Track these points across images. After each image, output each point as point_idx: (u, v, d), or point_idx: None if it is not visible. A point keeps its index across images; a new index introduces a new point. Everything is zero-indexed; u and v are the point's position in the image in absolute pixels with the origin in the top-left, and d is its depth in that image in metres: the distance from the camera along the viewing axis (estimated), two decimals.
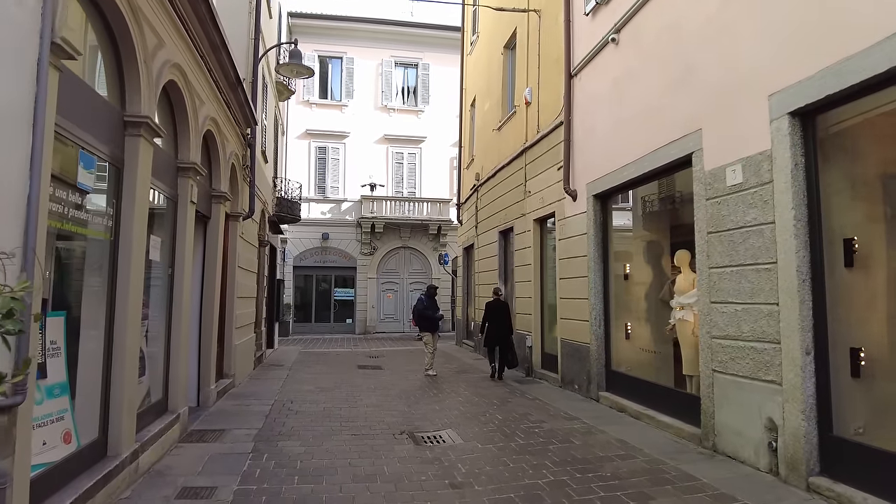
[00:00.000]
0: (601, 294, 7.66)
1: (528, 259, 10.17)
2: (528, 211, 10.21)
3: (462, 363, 12.06)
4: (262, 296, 12.27)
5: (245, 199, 9.29)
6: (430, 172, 23.19)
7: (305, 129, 22.27)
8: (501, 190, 11.80)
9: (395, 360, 13.05)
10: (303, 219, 21.72)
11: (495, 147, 12.45)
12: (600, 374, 7.57)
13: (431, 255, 22.97)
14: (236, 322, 8.88)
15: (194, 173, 5.82)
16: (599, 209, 7.77)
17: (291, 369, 11.18)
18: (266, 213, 12.50)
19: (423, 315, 10.70)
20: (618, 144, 7.15)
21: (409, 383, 9.53)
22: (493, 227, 12.43)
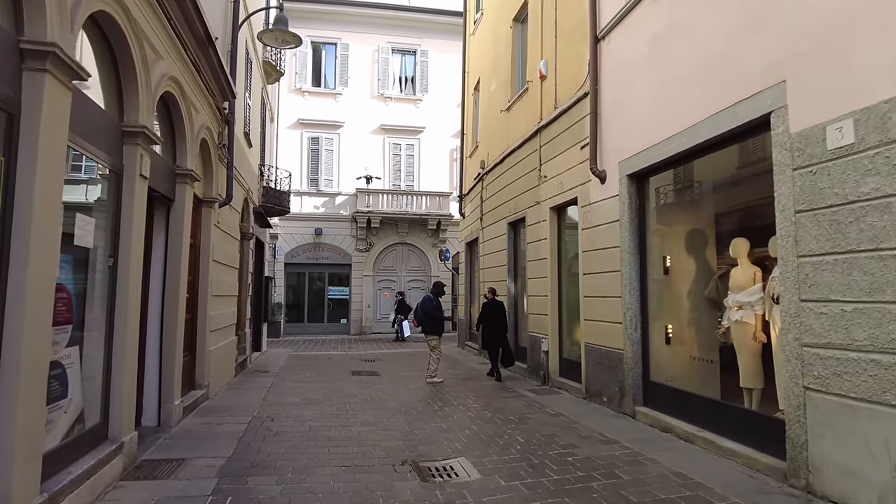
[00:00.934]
0: (638, 291, 6.52)
1: (543, 252, 9.03)
2: (543, 198, 9.07)
3: (467, 368, 10.92)
4: (246, 294, 11.10)
5: (221, 182, 8.11)
6: (428, 164, 22.03)
7: (297, 118, 21.07)
8: (511, 177, 10.65)
9: (392, 365, 11.89)
10: (295, 213, 20.58)
11: (503, 130, 11.30)
12: (636, 386, 6.43)
13: (430, 252, 21.81)
14: (211, 324, 7.71)
15: (145, 140, 4.64)
16: (635, 191, 6.63)
17: (278, 376, 10.00)
18: (250, 203, 11.32)
19: (432, 316, 9.57)
20: (660, 113, 6.01)
21: (409, 393, 8.37)
22: (500, 219, 11.29)
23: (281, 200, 13.18)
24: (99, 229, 4.25)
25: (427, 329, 9.58)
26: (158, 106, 5.70)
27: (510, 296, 10.73)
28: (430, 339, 9.60)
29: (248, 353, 11.27)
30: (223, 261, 8.45)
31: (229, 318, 9.10)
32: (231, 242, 9.22)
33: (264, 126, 13.99)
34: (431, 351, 9.54)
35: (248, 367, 10.98)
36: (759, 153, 4.97)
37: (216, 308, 7.99)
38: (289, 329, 20.50)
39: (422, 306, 9.55)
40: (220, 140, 7.94)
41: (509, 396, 8.02)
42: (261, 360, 12.63)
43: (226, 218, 8.63)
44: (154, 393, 5.82)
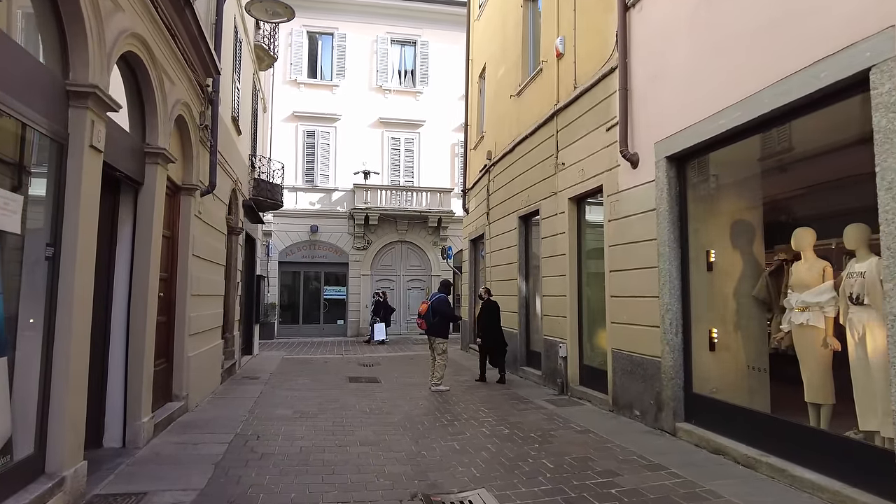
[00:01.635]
0: (679, 290, 5.68)
1: (560, 248, 8.19)
2: (560, 188, 8.23)
3: (474, 374, 10.07)
4: (234, 294, 10.23)
5: (204, 168, 7.25)
6: (429, 159, 21.17)
7: (292, 111, 20.20)
8: (522, 167, 9.81)
9: (392, 370, 11.03)
10: (290, 209, 19.72)
11: (513, 117, 10.46)
12: (676, 399, 5.59)
13: (431, 250, 20.96)
14: (192, 327, 6.85)
15: (98, 104, 3.79)
16: (674, 175, 5.79)
17: (268, 383, 9.13)
18: (239, 196, 10.46)
19: (447, 315, 8.80)
20: (706, 85, 5.18)
21: (413, 404, 7.52)
22: (510, 213, 10.44)
23: (273, 194, 12.32)
24: (34, 211, 3.39)
25: (436, 331, 8.74)
26: (124, 72, 4.85)
27: (521, 296, 9.89)
28: (439, 343, 8.76)
29: (236, 358, 10.40)
30: (206, 256, 7.59)
31: (214, 320, 8.24)
32: (216, 237, 8.35)
33: (256, 115, 13.13)
34: (438, 356, 8.70)
35: (236, 374, 10.11)
36: (843, 122, 4.15)
37: (198, 309, 7.13)
38: (283, 331, 19.63)
39: (435, 307, 8.70)
40: (203, 121, 7.08)
41: (526, 408, 7.17)
42: (251, 364, 11.76)
43: (210, 209, 7.77)
44: (118, 409, 4.96)
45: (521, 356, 9.80)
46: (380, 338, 17.10)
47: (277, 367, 11.46)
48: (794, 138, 4.91)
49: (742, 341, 5.73)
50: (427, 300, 8.84)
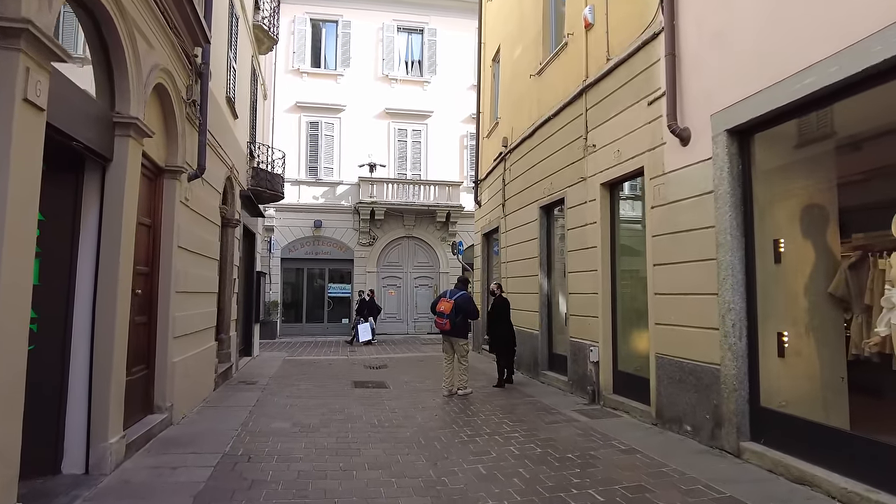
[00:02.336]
0: (743, 286, 4.82)
1: (591, 240, 7.34)
2: (591, 173, 7.38)
3: (490, 378, 9.23)
4: (230, 291, 9.43)
5: (191, 149, 6.43)
6: (437, 151, 20.33)
7: (295, 101, 19.40)
8: (544, 152, 8.96)
9: (401, 373, 10.21)
10: (292, 204, 18.94)
11: (532, 99, 9.61)
12: (741, 413, 4.74)
13: (439, 246, 20.12)
14: (177, 328, 6.04)
15: (33, 46, 2.96)
16: (737, 152, 4.93)
17: (266, 389, 8.32)
18: (236, 185, 9.64)
19: (471, 314, 8.10)
20: (787, 38, 4.31)
21: (427, 414, 6.70)
22: (529, 203, 9.59)
23: (273, 184, 11.51)
24: None
25: (458, 331, 7.95)
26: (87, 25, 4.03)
27: (542, 293, 9.04)
28: (462, 344, 8.00)
29: (233, 361, 9.60)
30: (195, 249, 6.78)
31: (205, 320, 7.43)
32: (208, 228, 7.54)
33: (255, 101, 12.32)
34: (461, 358, 7.92)
35: (232, 378, 9.31)
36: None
37: (185, 307, 6.32)
38: (285, 330, 18.87)
39: (460, 304, 7.87)
40: (190, 95, 6.26)
41: (555, 421, 6.33)
42: (250, 367, 10.96)
43: (200, 196, 6.95)
44: (81, 427, 4.15)
45: (542, 360, 8.95)
46: (365, 338, 16.10)
47: (278, 369, 10.65)
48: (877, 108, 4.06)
49: (816, 346, 4.88)
50: (447, 297, 8.01)
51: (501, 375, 8.70)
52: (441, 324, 7.90)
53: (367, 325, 16.33)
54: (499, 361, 8.89)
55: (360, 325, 16.33)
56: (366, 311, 16.68)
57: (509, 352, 8.77)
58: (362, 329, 16.24)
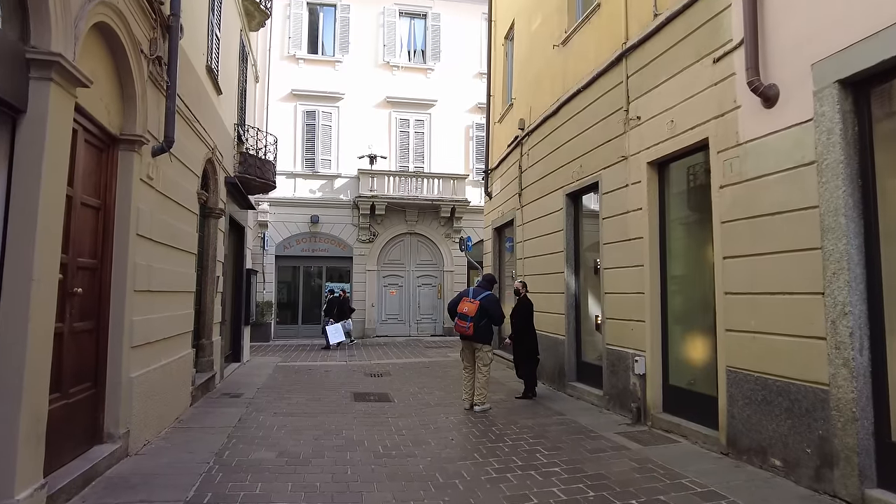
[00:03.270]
0: (863, 284, 3.70)
1: (634, 229, 6.22)
2: (634, 150, 6.25)
3: (510, 390, 8.12)
4: (213, 290, 8.29)
5: (157, 116, 5.30)
6: (441, 143, 19.19)
7: (291, 89, 18.26)
8: (571, 131, 7.84)
9: (406, 382, 9.09)
10: (288, 198, 17.82)
11: (556, 72, 8.48)
12: (864, 452, 3.60)
13: (443, 243, 18.98)
14: (138, 335, 4.91)
15: None
16: (852, 110, 3.80)
17: (252, 404, 7.19)
18: (219, 169, 8.50)
19: (497, 317, 7.03)
20: None
21: (442, 439, 5.57)
22: (553, 190, 8.46)
23: (264, 172, 10.36)
24: None
25: (481, 336, 6.85)
26: None
27: (569, 293, 7.91)
28: (485, 351, 6.90)
29: (216, 369, 8.47)
30: (164, 240, 5.64)
31: (178, 324, 6.29)
32: (182, 215, 6.40)
33: (244, 80, 11.18)
34: (483, 367, 6.83)
35: (214, 389, 8.17)
36: None
37: (148, 310, 5.19)
38: (280, 332, 17.73)
39: (486, 306, 6.79)
40: (154, 50, 5.12)
41: (600, 448, 5.19)
42: (238, 375, 9.83)
43: (170, 177, 5.81)
44: None
45: (570, 369, 7.82)
46: (335, 340, 14.79)
47: (268, 378, 9.52)
48: None
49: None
50: (471, 297, 6.90)
51: (529, 387, 7.58)
52: (462, 327, 6.78)
53: (337, 326, 15.01)
54: (519, 370, 7.78)
55: (329, 326, 15.04)
56: (336, 310, 15.41)
57: (533, 360, 7.65)
58: (332, 331, 14.88)
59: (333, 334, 14.87)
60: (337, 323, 15.12)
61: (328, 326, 15.05)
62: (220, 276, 8.94)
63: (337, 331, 14.97)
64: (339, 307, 15.55)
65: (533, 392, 7.59)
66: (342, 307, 15.70)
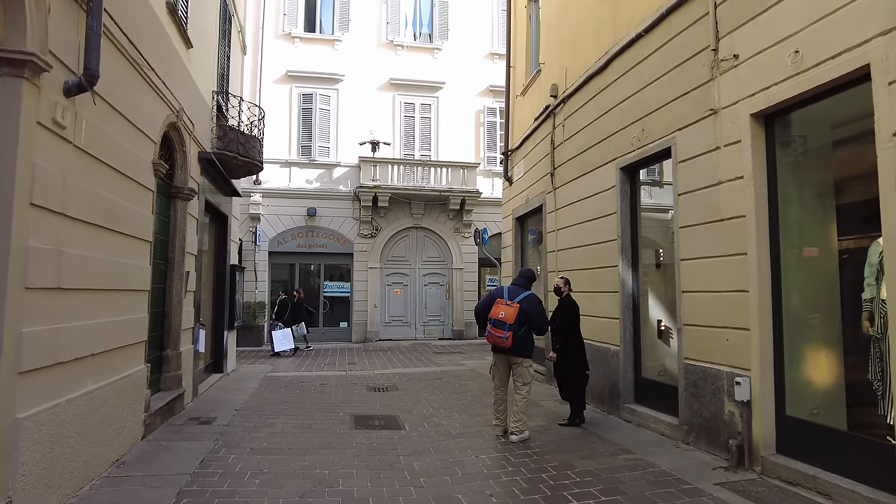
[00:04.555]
0: None
1: (731, 206, 4.63)
2: (728, 101, 4.67)
3: (548, 412, 6.55)
4: (180, 289, 6.71)
5: (67, 32, 3.71)
6: (450, 129, 17.61)
7: (286, 70, 16.68)
8: (625, 89, 6.26)
9: (417, 398, 7.53)
10: (282, 188, 16.26)
11: (603, 20, 6.90)
12: None
13: (452, 238, 17.40)
14: (34, 354, 3.34)
15: None
16: None
17: (224, 435, 5.60)
18: (190, 141, 6.93)
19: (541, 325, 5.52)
20: None
21: (475, 493, 4.00)
22: (600, 165, 6.87)
23: (248, 149, 8.75)
24: None
25: (521, 348, 5.30)
26: None
27: (625, 292, 6.31)
28: (526, 367, 5.36)
29: (187, 385, 6.90)
30: (91, 217, 4.06)
31: (120, 334, 4.72)
32: (124, 188, 4.82)
33: (227, 44, 9.58)
34: (521, 387, 5.31)
35: (182, 411, 6.61)
36: None
37: (57, 316, 3.61)
38: None
39: (527, 311, 5.26)
40: None
41: None
42: (217, 389, 8.26)
43: (100, 131, 4.23)
44: None
45: (626, 388, 6.23)
46: (282, 348, 12.85)
47: (252, 394, 7.95)
48: None
49: None
50: (507, 299, 5.34)
51: (577, 412, 6.00)
52: (497, 338, 5.22)
53: (286, 331, 13.13)
54: (563, 389, 6.21)
55: (277, 331, 13.04)
56: (288, 314, 13.66)
57: (581, 377, 6.06)
58: (279, 336, 12.90)
59: (280, 341, 12.90)
60: (287, 328, 13.25)
61: (274, 332, 13.03)
62: (193, 272, 7.37)
63: (285, 337, 13.04)
64: (292, 310, 13.86)
65: (581, 417, 6.01)
66: (297, 310, 13.98)
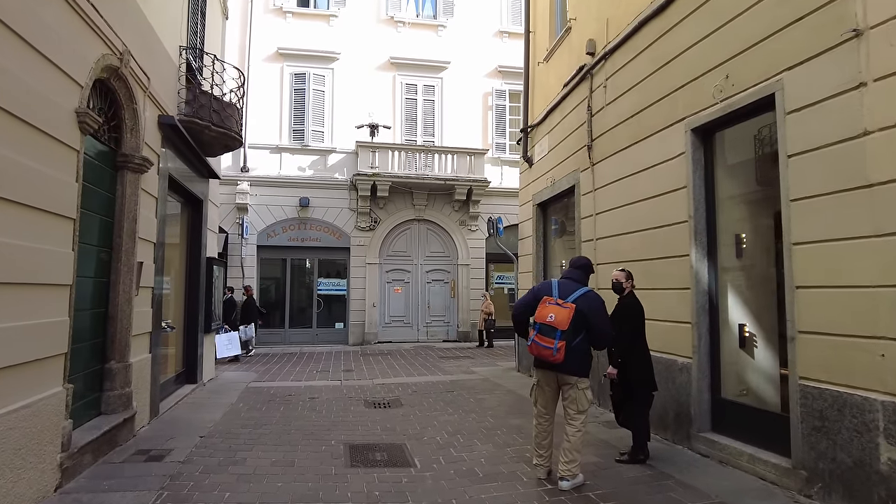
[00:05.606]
0: None
1: (882, 167, 3.24)
2: (882, 17, 3.27)
3: (599, 443, 5.14)
4: (131, 285, 5.28)
5: None
6: (455, 112, 16.19)
7: (277, 47, 15.26)
8: (696, 30, 4.86)
9: (427, 418, 6.13)
10: (272, 177, 14.83)
11: None
12: None
13: (457, 232, 15.99)
14: None
15: None
16: None
17: (174, 482, 4.17)
18: (143, 98, 5.50)
19: (603, 330, 4.06)
20: None
21: None
22: (659, 129, 5.45)
23: (224, 118, 7.27)
24: None
25: (574, 364, 3.92)
26: None
27: (699, 289, 4.90)
28: (581, 387, 4.01)
29: (140, 405, 5.49)
30: None
31: (15, 348, 3.30)
32: (28, 142, 3.41)
33: None
34: (574, 416, 3.97)
35: (131, 439, 5.18)
36: None
37: None
38: (264, 337, 14.70)
39: (586, 313, 3.89)
40: None
41: None
42: (184, 407, 6.84)
43: None
44: None
45: (700, 412, 4.83)
46: (226, 354, 10.97)
47: (226, 413, 6.53)
48: None
49: None
50: (557, 297, 3.95)
51: (640, 444, 4.60)
52: (546, 349, 3.83)
53: (232, 335, 11.39)
54: (620, 413, 4.81)
55: (221, 334, 10.81)
56: (236, 315, 12.12)
57: (644, 397, 4.66)
58: (222, 342, 10.75)
59: (224, 346, 10.86)
60: (233, 332, 11.45)
61: (218, 336, 10.44)
62: (151, 264, 5.95)
63: (231, 341, 11.18)
64: (243, 311, 12.40)
65: (645, 451, 4.61)
66: (247, 310, 12.51)
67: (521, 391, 7.83)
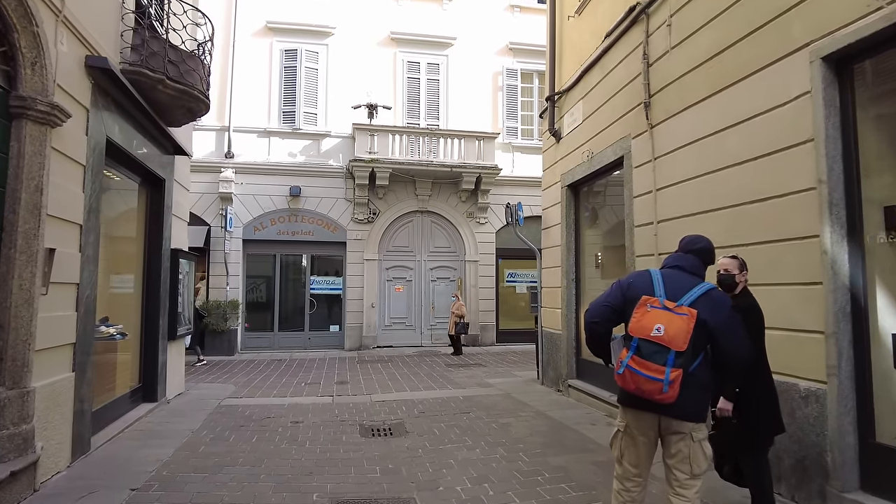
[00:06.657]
0: None
1: None
2: None
3: None
4: (32, 279, 3.81)
5: None
6: (461, 93, 14.72)
7: (265, 21, 13.78)
8: None
9: (440, 452, 4.62)
10: (259, 163, 13.33)
11: None
12: None
13: (465, 224, 14.52)
14: None
15: None
16: None
17: None
18: (61, 29, 4.02)
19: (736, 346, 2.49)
20: None
21: None
22: (763, 66, 3.96)
23: (184, 72, 5.70)
24: None
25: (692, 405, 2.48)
26: None
27: (838, 283, 3.41)
28: (697, 436, 2.53)
29: (52, 445, 4.02)
30: None
31: None
32: None
33: None
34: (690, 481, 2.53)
35: (32, 495, 3.71)
36: None
37: None
38: (250, 341, 13.29)
39: (712, 322, 2.39)
40: None
41: None
42: (132, 434, 5.37)
43: None
44: None
45: (842, 462, 3.33)
46: None
47: (183, 444, 5.06)
48: None
49: None
50: (666, 299, 2.50)
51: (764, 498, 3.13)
52: (651, 380, 2.41)
53: None
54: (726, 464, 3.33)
55: None
56: None
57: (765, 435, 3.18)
58: None
59: None
60: None
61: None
62: (71, 252, 4.47)
63: None
64: None
65: None
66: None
67: (552, 413, 6.37)
